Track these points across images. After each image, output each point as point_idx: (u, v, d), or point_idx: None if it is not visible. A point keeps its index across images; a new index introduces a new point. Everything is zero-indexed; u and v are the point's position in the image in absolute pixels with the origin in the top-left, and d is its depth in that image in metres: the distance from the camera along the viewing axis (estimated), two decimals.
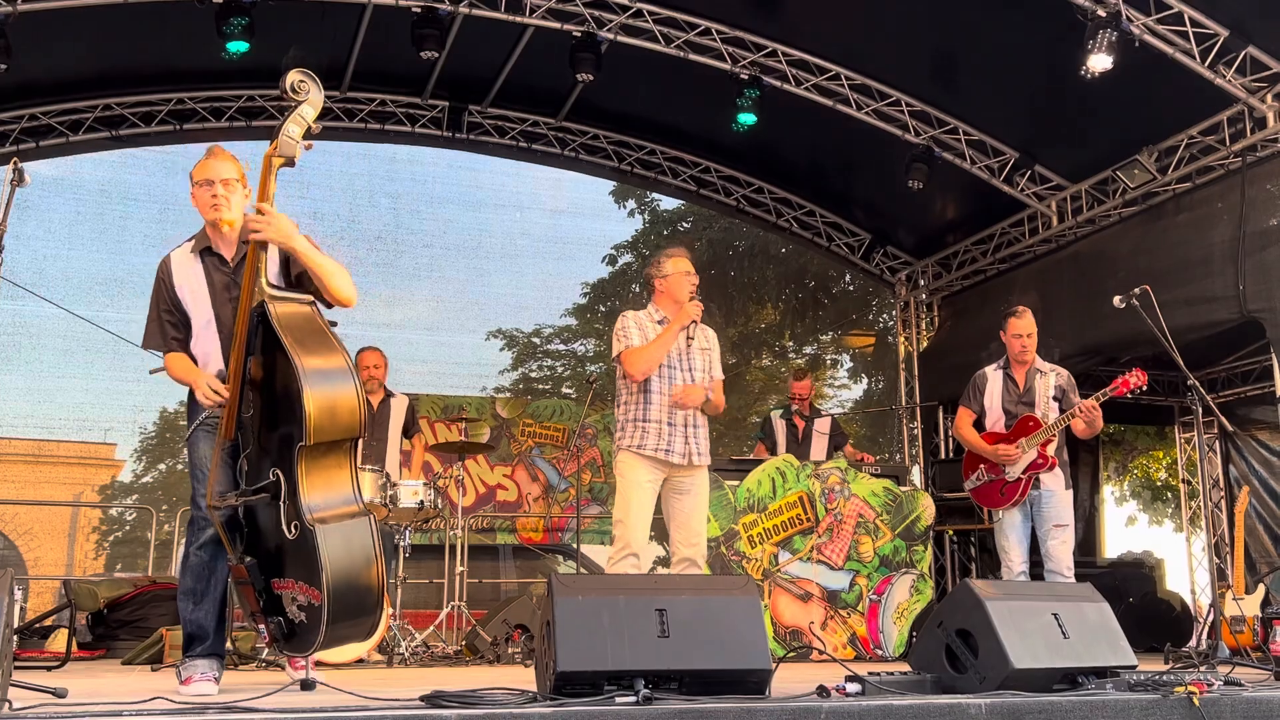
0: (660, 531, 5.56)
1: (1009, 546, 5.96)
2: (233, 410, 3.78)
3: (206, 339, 3.98)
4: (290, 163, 3.76)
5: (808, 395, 8.47)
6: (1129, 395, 5.80)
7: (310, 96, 3.80)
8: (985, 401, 6.15)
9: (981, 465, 6.10)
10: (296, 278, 3.90)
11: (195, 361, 4.00)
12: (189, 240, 4.09)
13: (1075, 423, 5.82)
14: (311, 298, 3.86)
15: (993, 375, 6.19)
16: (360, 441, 3.84)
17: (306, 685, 3.81)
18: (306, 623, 3.61)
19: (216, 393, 3.80)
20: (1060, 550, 5.83)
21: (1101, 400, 5.73)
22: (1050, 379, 6.04)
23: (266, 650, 5.69)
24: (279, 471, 3.64)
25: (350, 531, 3.64)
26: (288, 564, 3.67)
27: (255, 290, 3.73)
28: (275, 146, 3.74)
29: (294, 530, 3.58)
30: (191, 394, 3.99)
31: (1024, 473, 5.90)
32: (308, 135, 3.80)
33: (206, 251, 4.02)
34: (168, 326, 4.01)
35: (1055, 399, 5.98)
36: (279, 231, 3.73)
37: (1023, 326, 6.07)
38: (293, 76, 3.76)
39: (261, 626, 3.82)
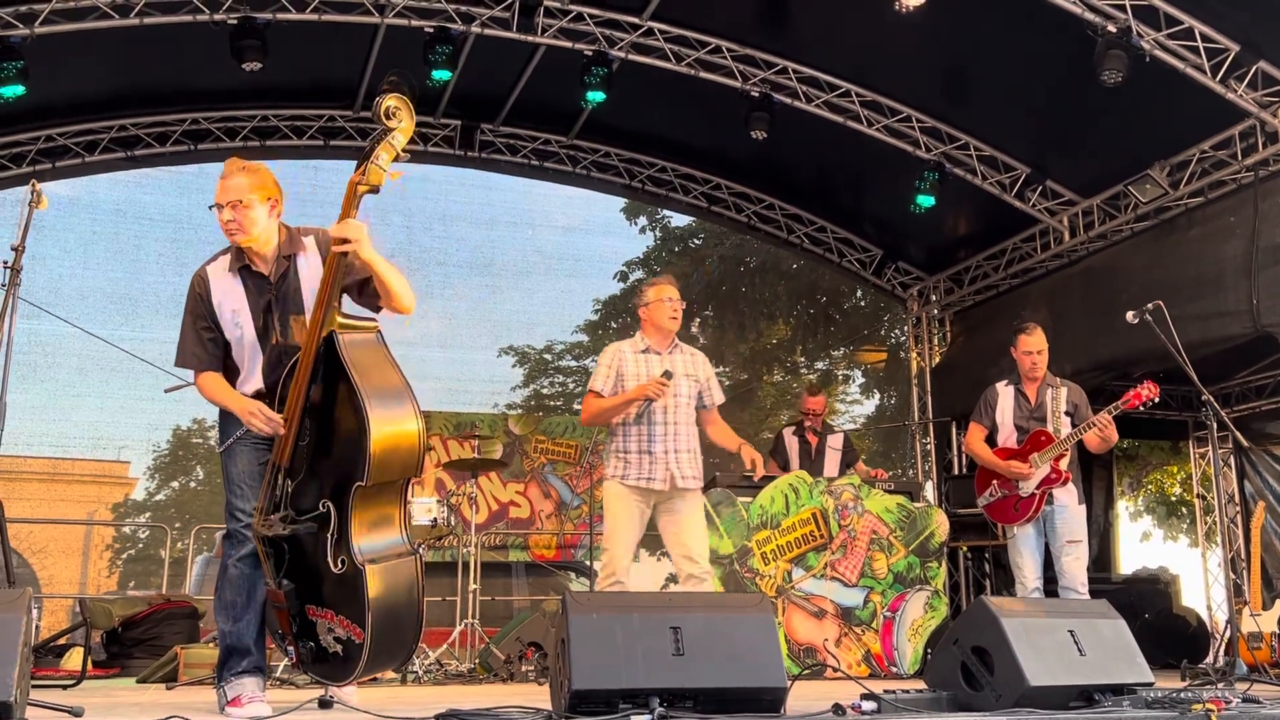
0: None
1: (1023, 563, 5.93)
2: (290, 437, 3.70)
3: (249, 357, 3.87)
4: (375, 190, 3.66)
5: (821, 411, 8.44)
6: (1142, 408, 5.78)
7: (403, 125, 3.64)
8: (997, 417, 6.14)
9: (994, 481, 6.07)
10: (356, 287, 3.82)
11: (233, 379, 3.89)
12: (224, 254, 3.93)
13: (1088, 437, 5.80)
14: (377, 323, 3.80)
15: (1004, 391, 6.17)
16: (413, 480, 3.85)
17: (324, 704, 3.80)
18: (342, 655, 3.61)
19: (270, 420, 3.71)
20: (1074, 566, 5.81)
21: (1114, 414, 5.71)
22: (1062, 394, 6.01)
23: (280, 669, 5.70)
24: (330, 504, 3.61)
25: (397, 572, 3.64)
26: (327, 594, 3.66)
27: (327, 314, 3.64)
28: (362, 172, 3.63)
29: (340, 565, 3.58)
30: (224, 410, 3.90)
31: (1037, 488, 5.87)
32: (396, 161, 3.68)
33: (245, 270, 3.88)
34: (204, 344, 3.87)
35: (1067, 414, 5.95)
36: (366, 245, 3.61)
37: (1033, 343, 6.05)
38: (388, 101, 3.61)
39: (291, 648, 3.80)
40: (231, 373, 3.91)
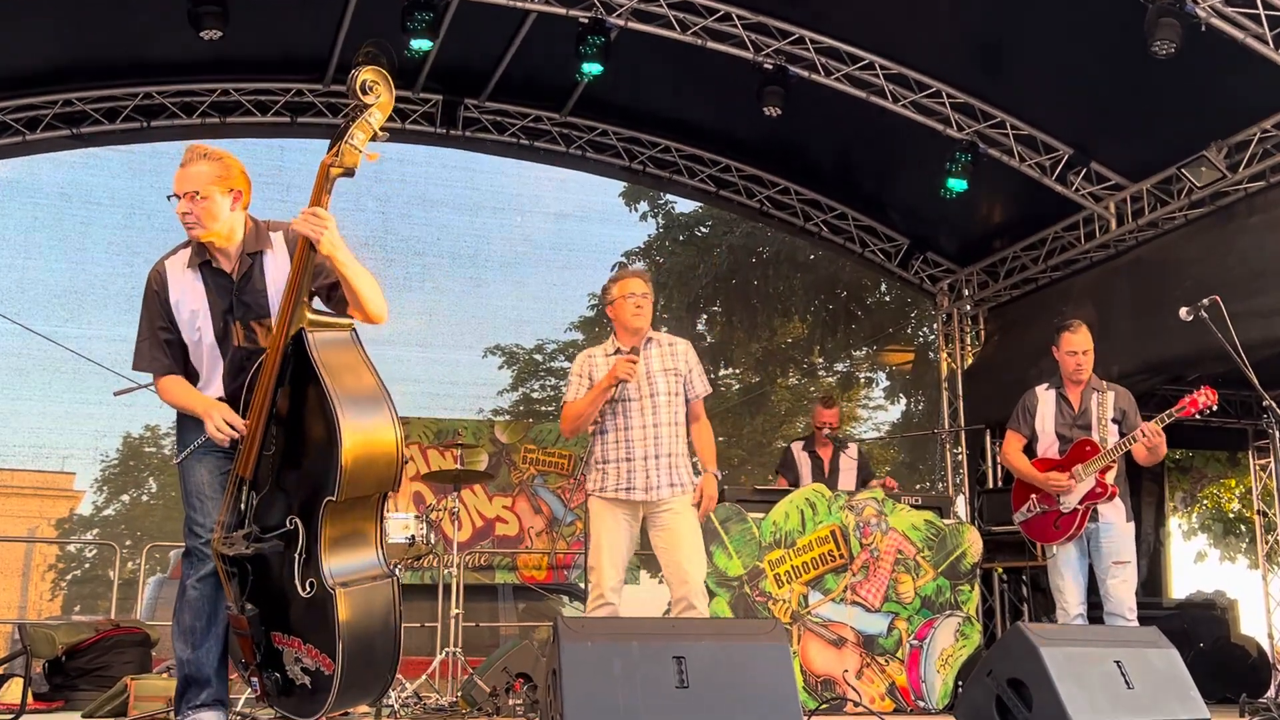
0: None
1: (1064, 586, 5.91)
2: (253, 445, 3.71)
3: (208, 362, 3.90)
4: (350, 173, 3.67)
5: (837, 426, 8.49)
6: (1198, 416, 5.77)
7: (380, 100, 3.65)
8: (1036, 425, 6.11)
9: (1033, 495, 6.05)
10: (324, 292, 3.86)
11: (199, 381, 3.92)
12: (183, 247, 3.95)
13: (1136, 448, 5.79)
14: (352, 323, 3.82)
15: (1044, 396, 6.15)
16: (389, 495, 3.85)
17: None
18: (310, 688, 3.61)
19: (232, 427, 3.72)
20: (1121, 590, 5.80)
21: (1166, 423, 5.71)
22: (1109, 399, 6.00)
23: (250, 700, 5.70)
24: (298, 521, 3.62)
25: (371, 597, 3.65)
26: (295, 620, 3.66)
27: (295, 310, 3.65)
28: (335, 154, 3.63)
29: (309, 589, 3.58)
30: (182, 416, 3.91)
31: (1080, 503, 5.85)
32: (373, 141, 3.68)
33: (205, 266, 3.89)
34: (163, 346, 3.88)
35: (1115, 421, 5.94)
36: (334, 237, 3.65)
37: (1077, 342, 6.04)
38: (364, 75, 3.62)
39: (255, 680, 3.77)
40: (190, 378, 3.93)
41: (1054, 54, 8.42)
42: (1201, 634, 9.16)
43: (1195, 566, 17.31)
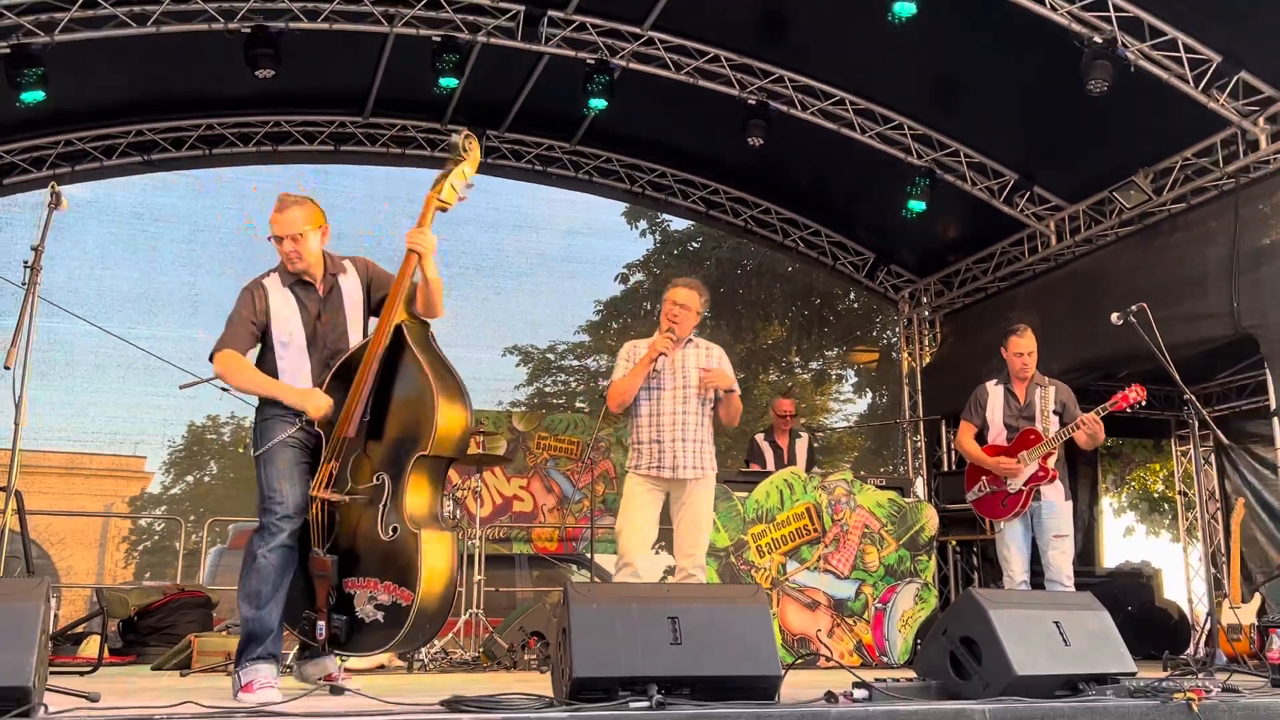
0: (671, 542, 5.55)
1: (1010, 556, 5.91)
2: (355, 409, 3.92)
3: (294, 361, 4.07)
4: (445, 208, 4.17)
5: (793, 414, 8.55)
6: (1128, 410, 5.77)
7: (471, 156, 4.23)
8: (987, 415, 6.10)
9: (983, 477, 6.04)
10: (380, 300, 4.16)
11: (283, 377, 4.08)
12: (274, 271, 4.17)
13: (1077, 435, 5.78)
14: (430, 325, 4.17)
15: (994, 390, 6.14)
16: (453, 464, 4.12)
17: (336, 690, 3.81)
18: (384, 622, 3.77)
19: (308, 408, 3.93)
20: (1060, 560, 5.79)
21: (1102, 415, 5.70)
22: (1050, 393, 5.99)
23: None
24: (386, 477, 3.87)
25: (444, 542, 3.87)
26: (373, 564, 3.84)
27: (396, 309, 4.00)
28: (439, 190, 4.14)
29: (391, 533, 3.79)
30: (268, 418, 4.02)
31: (1025, 485, 5.85)
32: (467, 188, 4.24)
33: (296, 283, 4.13)
34: (250, 333, 4.06)
35: (1056, 412, 5.93)
36: (432, 262, 4.09)
37: (1024, 345, 6.03)
38: (466, 137, 4.25)
39: (321, 624, 3.86)
40: (271, 374, 4.10)
41: (1001, 91, 8.42)
42: (1130, 599, 9.16)
43: (1124, 540, 17.28)
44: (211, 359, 4.05)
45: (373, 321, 4.19)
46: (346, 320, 4.17)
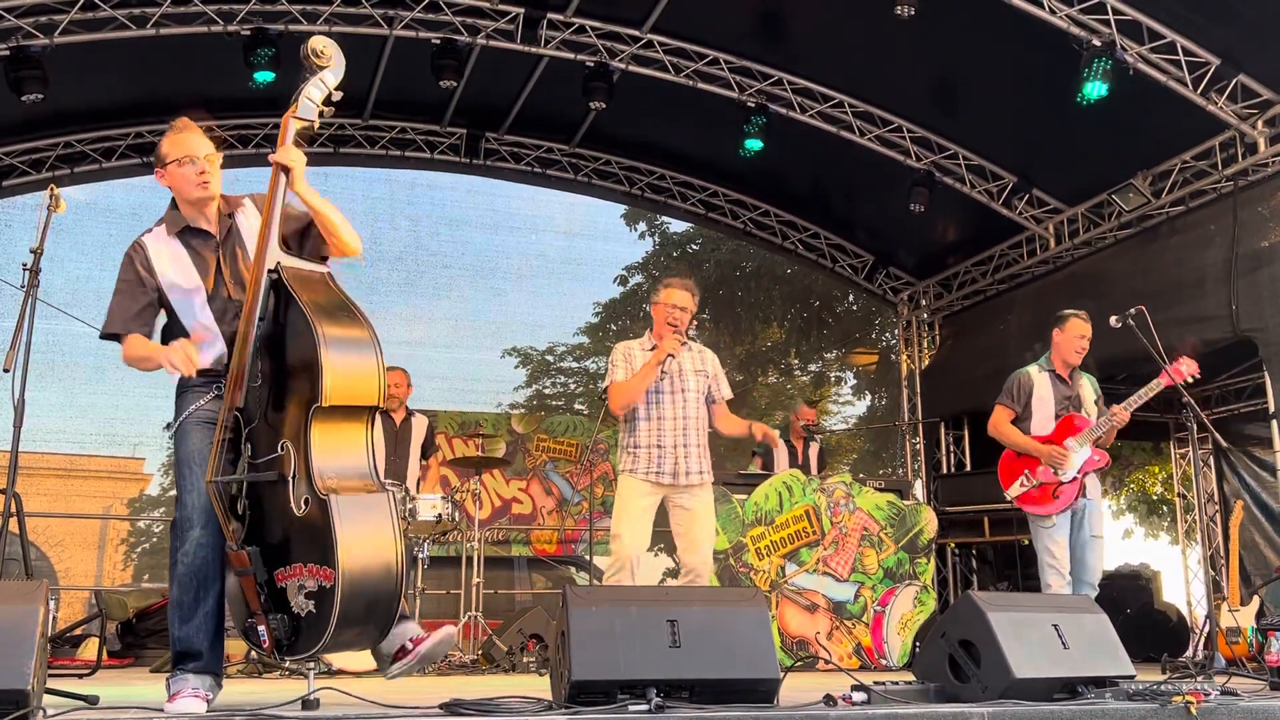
0: (670, 544, 5.55)
1: (1059, 553, 5.48)
2: (240, 377, 3.36)
3: (203, 314, 3.54)
4: (310, 128, 3.62)
5: (815, 422, 8.87)
6: (1182, 386, 5.50)
7: (333, 63, 3.63)
8: (1034, 401, 5.70)
9: (1026, 470, 5.62)
10: (296, 239, 3.62)
11: (192, 339, 3.50)
12: (158, 225, 3.70)
13: (1111, 434, 5.56)
14: (327, 269, 3.55)
15: (1038, 376, 5.77)
16: (378, 414, 3.45)
17: (308, 704, 3.27)
18: (315, 613, 3.16)
19: (187, 360, 3.34)
20: (1096, 562, 5.54)
21: (1153, 394, 5.51)
22: (1087, 381, 5.78)
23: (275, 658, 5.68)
24: (289, 444, 3.26)
25: (368, 505, 3.22)
26: (295, 548, 3.24)
27: (270, 249, 3.42)
28: (295, 108, 3.60)
29: (304, 505, 3.19)
30: (182, 387, 3.55)
31: (1080, 472, 5.53)
32: (327, 102, 3.65)
33: (186, 231, 3.64)
34: (141, 311, 3.56)
35: (1095, 402, 5.71)
36: (302, 180, 3.55)
37: (1088, 329, 5.73)
38: (315, 42, 3.59)
39: (262, 628, 3.30)
40: (184, 336, 3.55)
41: (1000, 94, 8.43)
42: (1129, 601, 9.15)
43: (1123, 542, 17.29)
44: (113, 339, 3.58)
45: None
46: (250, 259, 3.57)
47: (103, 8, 7.41)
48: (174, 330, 3.58)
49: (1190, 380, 5.50)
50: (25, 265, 3.97)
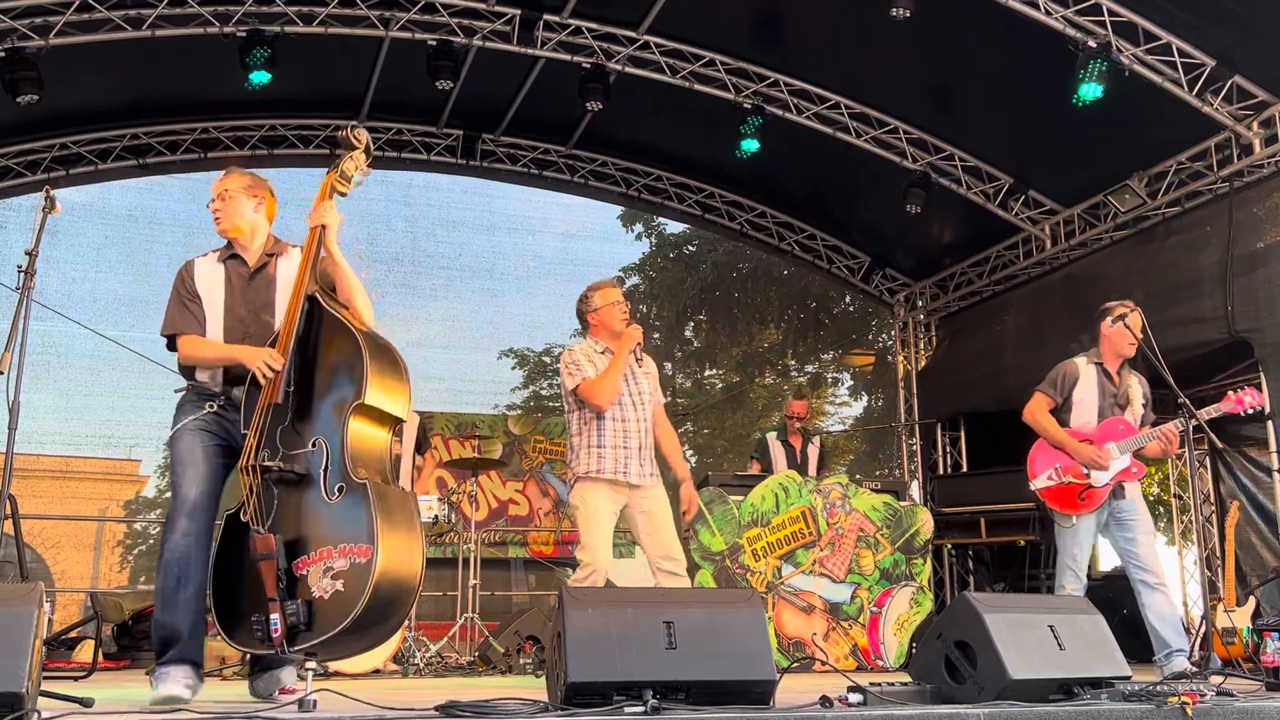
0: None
1: (1080, 554, 5.33)
2: (279, 378, 3.71)
3: (212, 327, 3.97)
4: (343, 192, 4.13)
5: (806, 416, 8.59)
6: (1243, 414, 5.39)
7: (362, 143, 4.22)
8: (1077, 395, 5.46)
9: (1058, 464, 5.43)
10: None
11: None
12: (214, 251, 4.13)
13: (1152, 446, 5.38)
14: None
15: (1085, 368, 5.50)
16: (402, 429, 3.89)
17: (304, 705, 3.24)
18: (343, 590, 3.36)
19: (268, 364, 3.72)
20: (1156, 559, 5.34)
21: (1213, 416, 5.39)
22: (1136, 382, 5.54)
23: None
24: (323, 440, 3.59)
25: (399, 497, 3.57)
26: (323, 533, 3.48)
27: (307, 281, 3.83)
28: (336, 174, 4.13)
29: (337, 493, 3.49)
30: (185, 399, 3.92)
31: (1112, 479, 5.35)
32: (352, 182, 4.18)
33: (231, 257, 4.07)
34: (191, 313, 3.98)
35: (1143, 405, 5.51)
36: (335, 225, 3.97)
37: (1140, 322, 5.43)
38: (357, 132, 4.25)
39: (275, 616, 3.42)
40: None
41: (997, 95, 8.44)
42: (1125, 602, 9.07)
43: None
44: (172, 348, 3.99)
45: None
46: (275, 297, 4.00)
47: (98, 9, 7.40)
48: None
49: (1252, 411, 5.36)
50: (20, 267, 3.96)
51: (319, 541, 3.49)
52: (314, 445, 3.59)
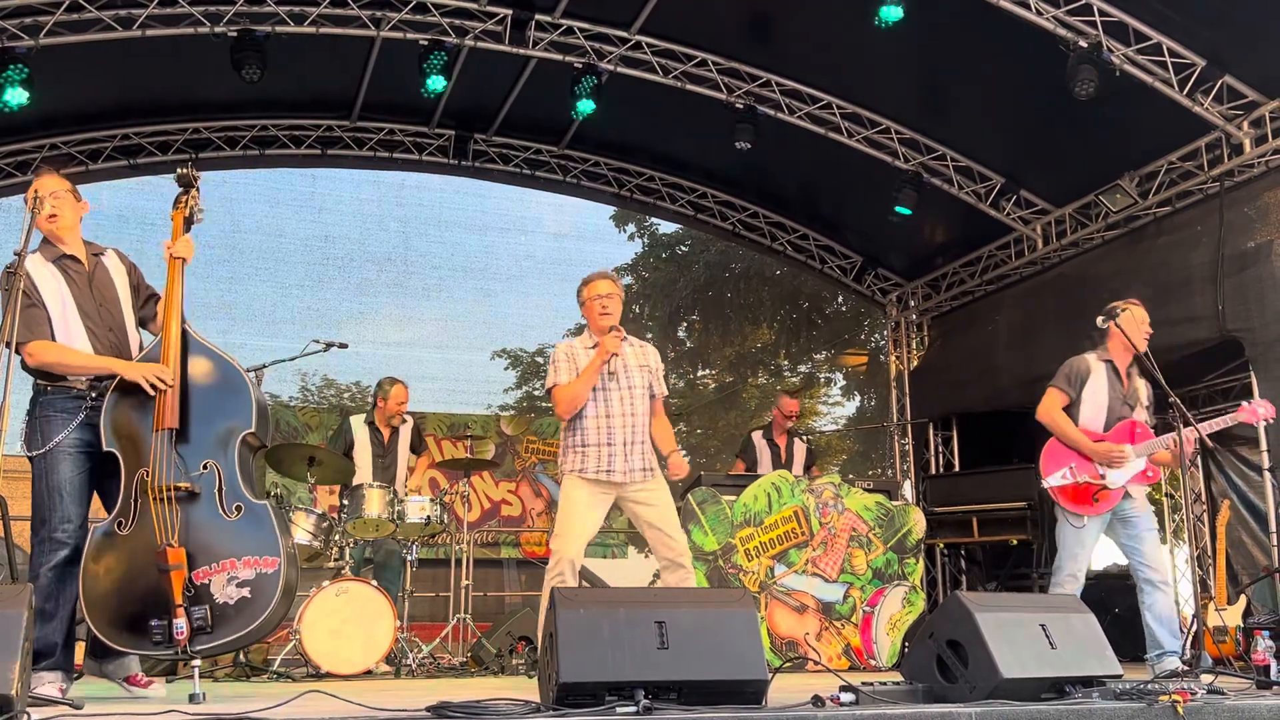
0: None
1: (1082, 554, 5.32)
2: (175, 399, 3.96)
3: (76, 335, 4.07)
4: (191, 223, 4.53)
5: (799, 416, 8.58)
6: (1256, 426, 5.40)
7: (195, 190, 4.59)
8: (1086, 392, 5.44)
9: (1072, 463, 5.39)
10: (143, 303, 4.38)
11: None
12: (32, 253, 4.08)
13: (1161, 454, 5.34)
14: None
15: (1095, 365, 5.47)
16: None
17: (194, 698, 3.58)
18: (250, 597, 3.79)
19: (160, 379, 3.94)
20: (1161, 558, 5.37)
21: (1226, 425, 5.39)
22: (1143, 384, 5.53)
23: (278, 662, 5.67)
24: (214, 463, 3.96)
25: (280, 511, 4.07)
26: (224, 546, 3.86)
27: (177, 312, 4.12)
28: (184, 210, 4.52)
29: (236, 511, 3.90)
30: (52, 413, 4.00)
31: (1127, 482, 5.34)
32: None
33: (59, 258, 4.16)
34: (39, 315, 4.00)
35: (1146, 407, 5.50)
36: (190, 253, 4.33)
37: (1147, 317, 5.44)
38: (187, 170, 4.65)
39: (180, 621, 3.70)
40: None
41: (988, 96, 8.45)
42: (1116, 601, 9.15)
43: (1111, 542, 17.31)
44: (19, 351, 3.95)
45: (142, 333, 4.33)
46: (119, 296, 4.24)
47: (88, 9, 7.37)
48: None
49: (1267, 423, 5.36)
50: (8, 267, 3.95)
51: (220, 553, 3.86)
52: (205, 468, 3.95)
